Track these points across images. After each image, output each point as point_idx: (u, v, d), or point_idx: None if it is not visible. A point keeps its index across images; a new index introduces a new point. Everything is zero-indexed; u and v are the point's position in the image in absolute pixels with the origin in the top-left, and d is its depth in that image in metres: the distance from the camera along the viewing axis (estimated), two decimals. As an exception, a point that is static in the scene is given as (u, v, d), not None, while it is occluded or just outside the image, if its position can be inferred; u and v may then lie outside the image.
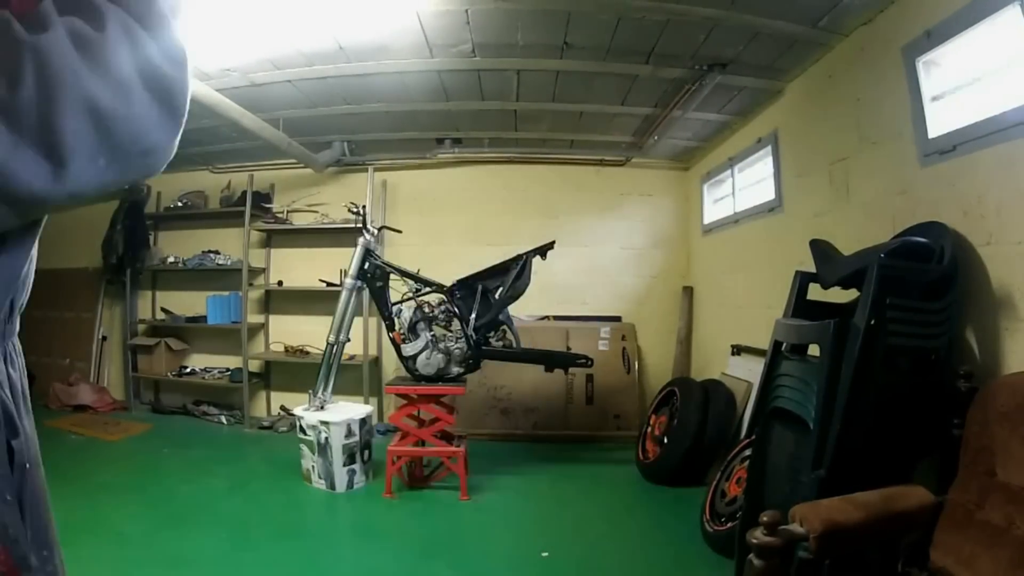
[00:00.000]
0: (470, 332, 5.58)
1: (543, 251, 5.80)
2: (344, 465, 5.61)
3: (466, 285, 5.77)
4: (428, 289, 5.87)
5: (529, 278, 5.70)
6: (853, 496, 2.33)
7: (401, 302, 5.87)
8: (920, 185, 3.65)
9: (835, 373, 3.04)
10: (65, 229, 9.28)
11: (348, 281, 5.88)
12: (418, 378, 5.66)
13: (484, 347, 5.69)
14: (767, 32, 4.53)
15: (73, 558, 3.69)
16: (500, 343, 5.79)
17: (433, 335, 5.70)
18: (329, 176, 8.39)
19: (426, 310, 5.78)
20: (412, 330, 5.69)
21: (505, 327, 5.80)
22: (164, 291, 9.04)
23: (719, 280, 7.23)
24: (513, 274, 5.66)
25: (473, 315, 5.62)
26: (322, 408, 5.79)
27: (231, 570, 4.07)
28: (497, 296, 5.70)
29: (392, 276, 5.92)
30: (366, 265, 5.85)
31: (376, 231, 6.14)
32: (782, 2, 4.20)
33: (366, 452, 5.81)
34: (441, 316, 5.79)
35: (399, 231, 6.77)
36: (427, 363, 5.59)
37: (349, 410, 5.84)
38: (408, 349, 5.63)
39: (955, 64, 3.59)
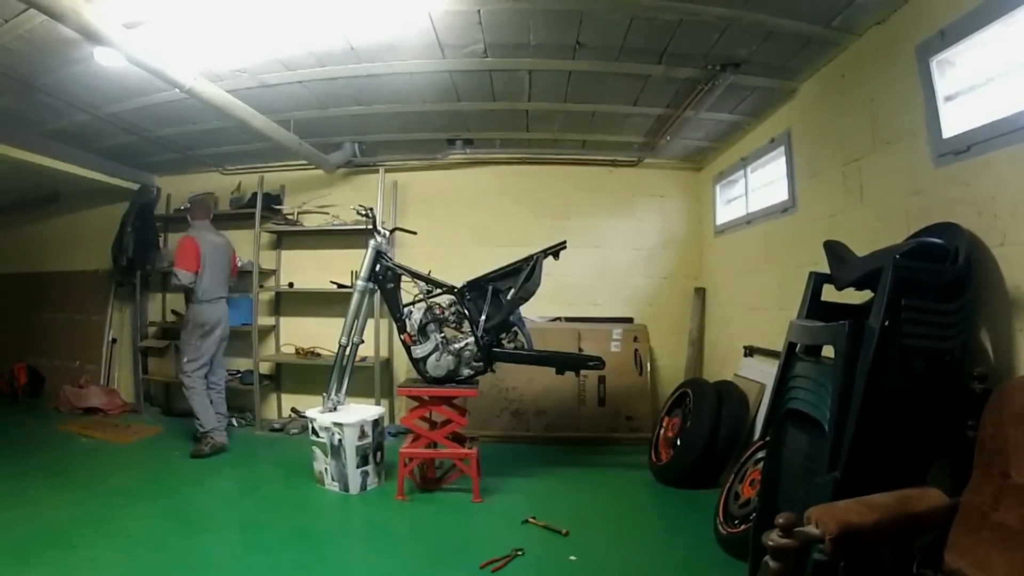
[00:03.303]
0: (480, 334, 5.57)
1: (555, 251, 5.73)
2: (357, 467, 5.61)
3: (477, 286, 5.72)
4: (439, 291, 5.83)
5: (540, 279, 5.64)
6: (868, 498, 2.32)
7: (412, 304, 5.85)
8: (934, 185, 3.62)
9: (850, 374, 3.02)
10: (74, 232, 9.39)
11: (359, 283, 5.86)
12: (429, 380, 5.64)
13: (495, 349, 5.67)
14: (780, 32, 4.52)
15: (85, 560, 3.72)
16: (512, 345, 5.76)
17: (444, 337, 5.69)
18: (340, 177, 8.40)
19: (436, 311, 5.75)
20: (422, 332, 5.68)
21: (516, 329, 5.77)
22: (174, 293, 9.00)
23: (732, 281, 7.20)
24: (524, 275, 5.62)
25: (483, 316, 5.59)
26: (335, 410, 5.79)
27: (243, 573, 4.07)
28: (508, 297, 5.67)
29: (404, 278, 5.90)
30: (377, 267, 5.83)
31: (388, 233, 6.10)
32: (795, 1, 4.18)
33: (378, 454, 5.82)
34: (452, 318, 5.77)
35: (414, 232, 6.70)
36: (437, 365, 5.58)
37: (361, 411, 5.84)
38: (418, 351, 5.62)
39: (969, 64, 3.56)
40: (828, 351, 3.50)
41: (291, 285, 8.40)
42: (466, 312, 5.68)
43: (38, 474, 5.93)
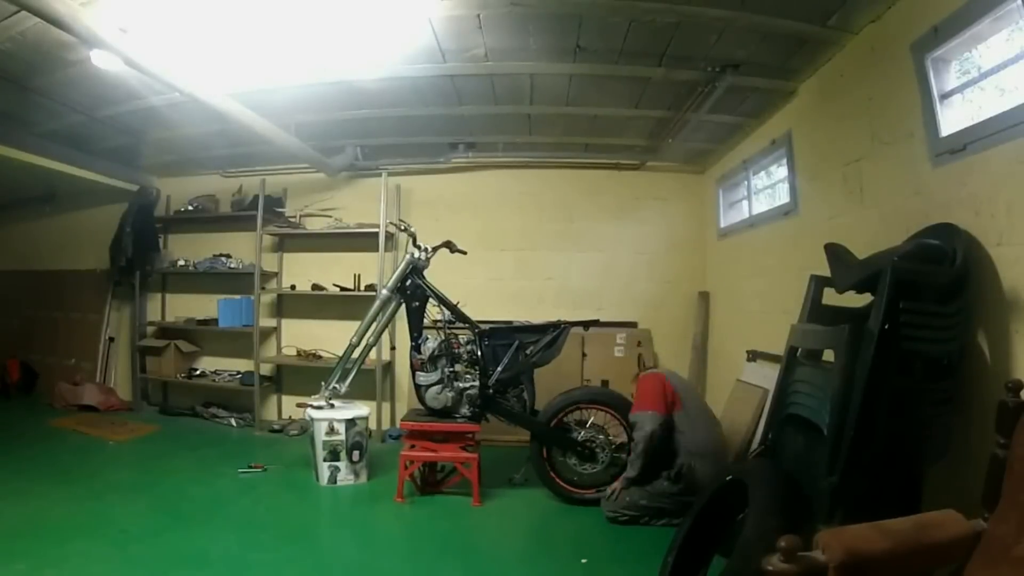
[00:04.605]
0: (489, 383, 5.56)
1: (585, 324, 5.92)
2: (325, 460, 5.77)
3: (498, 333, 5.73)
4: (460, 324, 5.80)
5: (560, 349, 5.71)
6: (883, 523, 2.12)
7: (434, 326, 5.81)
8: (932, 186, 3.59)
9: (849, 379, 3.01)
10: (72, 232, 9.42)
11: (383, 292, 5.81)
12: (426, 409, 5.62)
13: (498, 400, 5.64)
14: (777, 32, 4.50)
15: (75, 553, 3.71)
16: (516, 399, 5.71)
17: (453, 371, 5.64)
18: (342, 181, 8.41)
19: (452, 345, 5.72)
20: (432, 361, 5.61)
21: (524, 387, 5.73)
22: (174, 294, 9.15)
23: (735, 285, 7.17)
24: (547, 339, 5.66)
25: (500, 367, 5.59)
26: (331, 400, 5.86)
27: (236, 566, 4.09)
28: (522, 355, 5.67)
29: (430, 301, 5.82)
30: (407, 282, 5.76)
31: (430, 249, 5.96)
32: (791, 1, 4.18)
33: (355, 453, 5.87)
34: (465, 356, 5.73)
35: (464, 252, 6.17)
36: (436, 397, 5.54)
37: (345, 410, 5.91)
38: (422, 378, 5.58)
39: (964, 60, 3.57)
40: (829, 355, 3.48)
41: (293, 287, 8.39)
42: (479, 354, 5.65)
43: (28, 468, 5.95)
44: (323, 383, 5.94)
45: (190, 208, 8.71)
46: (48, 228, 9.90)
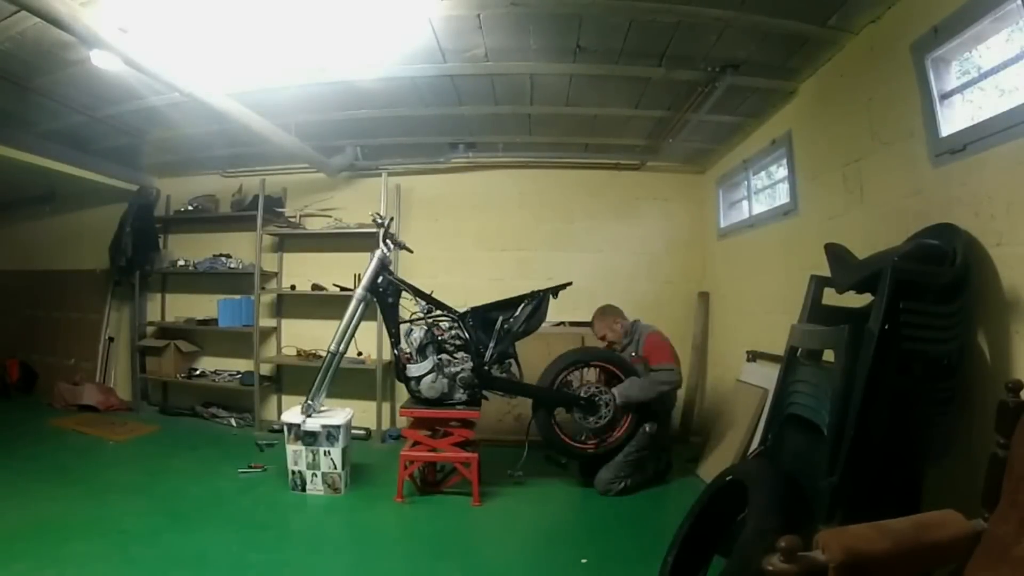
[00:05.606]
0: (486, 360, 5.61)
1: (555, 291, 5.93)
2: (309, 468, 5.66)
3: (478, 314, 5.75)
4: (439, 312, 5.80)
5: (545, 315, 5.83)
6: (883, 523, 2.11)
7: (411, 321, 5.81)
8: (932, 186, 3.60)
9: (849, 379, 3.00)
10: (72, 232, 9.41)
11: (359, 292, 5.75)
12: (419, 400, 5.62)
13: (496, 375, 5.67)
14: (777, 32, 4.51)
15: (75, 554, 3.72)
16: (504, 374, 5.76)
17: (440, 359, 5.65)
18: (342, 181, 8.41)
19: (436, 333, 5.73)
20: (420, 352, 5.62)
21: (511, 359, 5.79)
22: (174, 294, 9.15)
23: (735, 285, 7.18)
24: (528, 309, 5.74)
25: (493, 343, 5.62)
26: (309, 415, 5.72)
27: (236, 568, 4.07)
28: (507, 328, 5.72)
29: (404, 294, 5.83)
30: (379, 279, 5.73)
31: (392, 245, 6.01)
32: (791, 1, 4.18)
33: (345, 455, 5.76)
34: (451, 341, 5.75)
35: (410, 251, 6.42)
36: (432, 386, 5.53)
37: (332, 416, 5.78)
38: (414, 370, 5.56)
39: (964, 60, 3.58)
40: (829, 355, 3.47)
41: (293, 287, 8.39)
42: (467, 337, 5.68)
43: (28, 468, 5.94)
44: (305, 398, 5.87)
45: (190, 208, 8.70)
46: (48, 228, 9.88)
